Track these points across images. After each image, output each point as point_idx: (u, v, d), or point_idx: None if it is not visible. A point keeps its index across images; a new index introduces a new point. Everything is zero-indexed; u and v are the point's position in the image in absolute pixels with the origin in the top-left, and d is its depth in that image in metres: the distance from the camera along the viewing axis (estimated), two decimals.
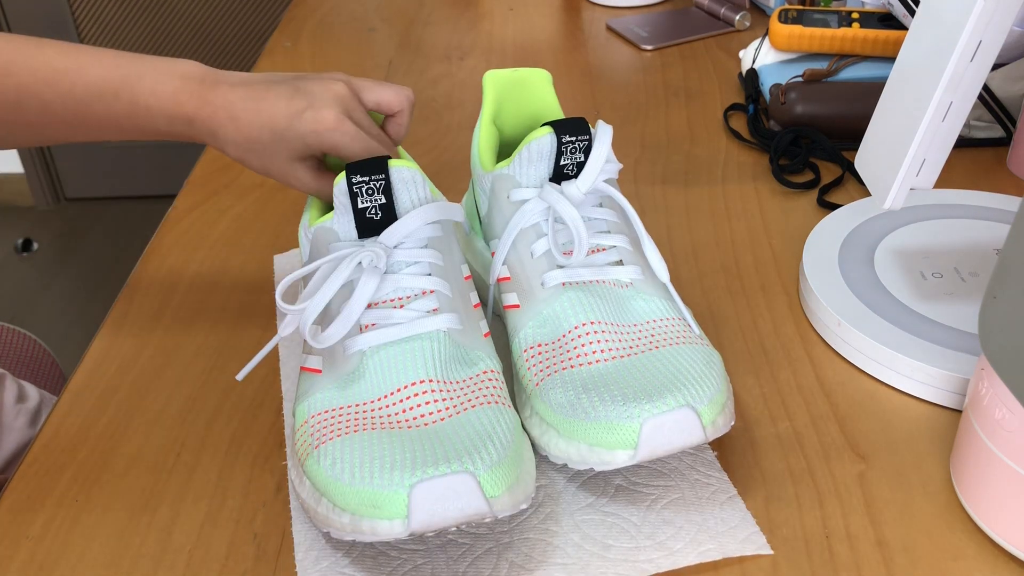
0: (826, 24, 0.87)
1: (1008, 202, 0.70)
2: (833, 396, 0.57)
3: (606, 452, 0.47)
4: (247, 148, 0.57)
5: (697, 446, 0.49)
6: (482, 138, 0.61)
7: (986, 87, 0.80)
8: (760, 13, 1.12)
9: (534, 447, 0.51)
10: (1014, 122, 0.80)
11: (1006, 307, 0.42)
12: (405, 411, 0.48)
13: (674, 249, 0.71)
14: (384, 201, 0.52)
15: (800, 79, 0.85)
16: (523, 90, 0.63)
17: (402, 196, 0.53)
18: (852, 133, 0.79)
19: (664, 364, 0.49)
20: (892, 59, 0.84)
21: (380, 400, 0.48)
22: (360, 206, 0.52)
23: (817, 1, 0.99)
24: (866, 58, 0.87)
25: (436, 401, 0.48)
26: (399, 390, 0.48)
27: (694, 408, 0.46)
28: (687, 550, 0.47)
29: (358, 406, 0.48)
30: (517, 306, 0.54)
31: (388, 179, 0.52)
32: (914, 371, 0.55)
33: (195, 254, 0.73)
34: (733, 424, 0.49)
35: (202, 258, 0.72)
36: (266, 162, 0.57)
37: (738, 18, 1.08)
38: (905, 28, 0.85)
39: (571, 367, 0.50)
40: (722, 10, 1.10)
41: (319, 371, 0.51)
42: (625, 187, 0.79)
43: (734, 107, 0.89)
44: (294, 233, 0.75)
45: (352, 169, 0.52)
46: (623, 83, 0.98)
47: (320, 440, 0.47)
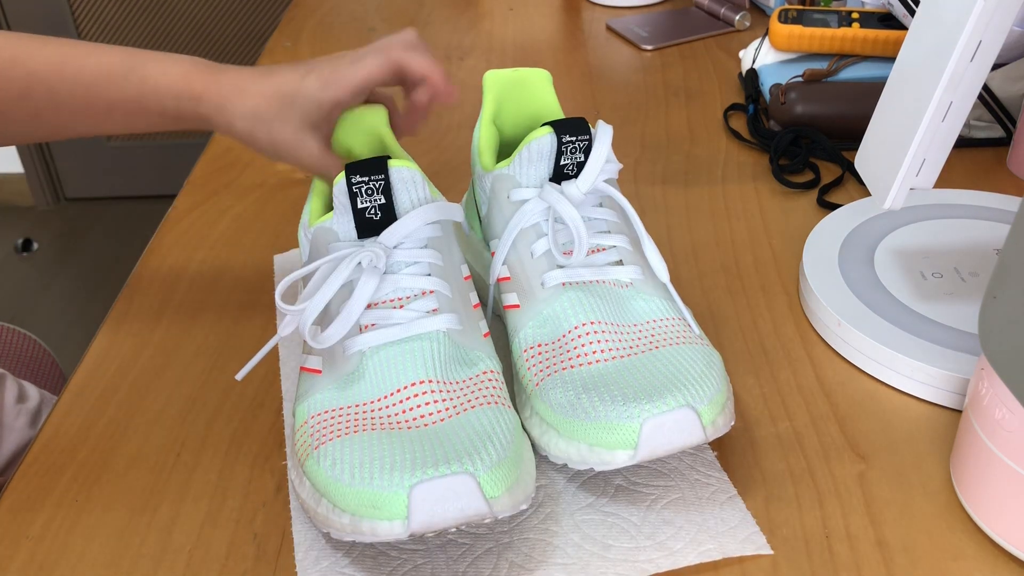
0: (826, 24, 0.87)
1: (1008, 202, 0.70)
2: (833, 396, 0.57)
3: (606, 452, 0.47)
4: (255, 118, 0.57)
5: (697, 446, 0.49)
6: (482, 138, 0.61)
7: (986, 87, 0.80)
8: (760, 13, 1.12)
9: (534, 447, 0.51)
10: (1014, 122, 0.80)
11: (1006, 307, 0.42)
12: (405, 412, 0.48)
13: (674, 249, 0.71)
14: (384, 201, 0.52)
15: (800, 79, 0.85)
16: (523, 90, 0.63)
17: (401, 196, 0.53)
18: (852, 133, 0.79)
19: (664, 364, 0.49)
20: (892, 59, 0.84)
21: (380, 400, 0.48)
22: (359, 206, 0.52)
23: (817, 1, 0.99)
24: (866, 58, 0.87)
25: (436, 402, 0.48)
26: (399, 391, 0.48)
27: (694, 408, 0.46)
28: (687, 550, 0.47)
29: (358, 406, 0.48)
30: (517, 306, 0.54)
31: (388, 179, 0.52)
32: (914, 371, 0.55)
33: (195, 254, 0.73)
34: (733, 424, 0.49)
35: (202, 258, 0.72)
36: (275, 133, 0.57)
37: (738, 18, 1.08)
38: (905, 28, 0.85)
39: (571, 367, 0.50)
40: (722, 10, 1.10)
41: (319, 371, 0.51)
42: (625, 187, 0.79)
43: (734, 107, 0.89)
44: (294, 233, 0.75)
45: (351, 169, 0.52)
46: (623, 83, 0.98)
47: (320, 441, 0.47)
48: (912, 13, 0.80)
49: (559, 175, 0.56)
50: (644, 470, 0.51)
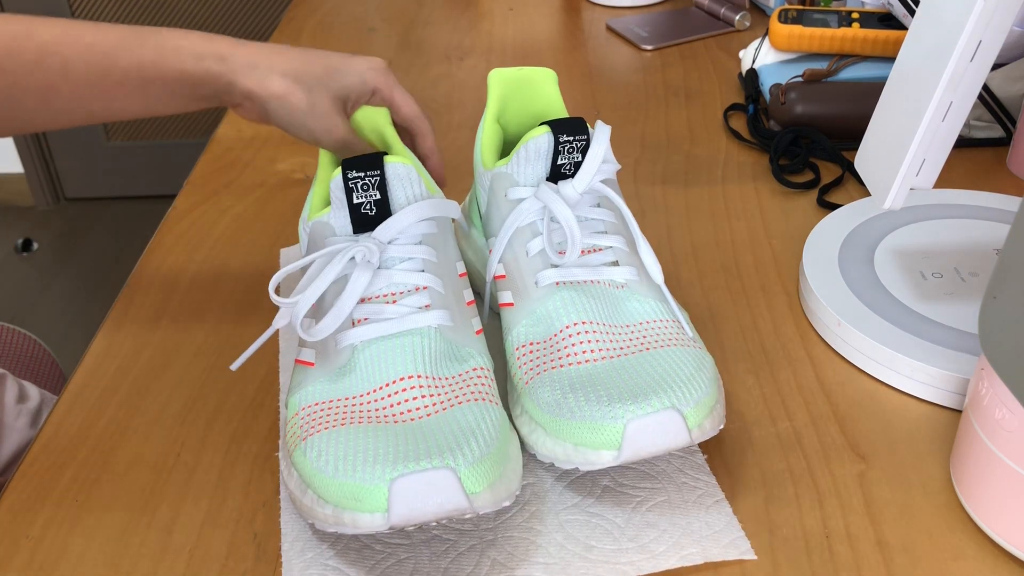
0: (826, 24, 0.87)
1: (1008, 202, 0.70)
2: (833, 396, 0.57)
3: (591, 452, 0.46)
4: (297, 77, 0.56)
5: (684, 449, 0.49)
6: (485, 136, 0.61)
7: (986, 87, 0.80)
8: (760, 13, 1.12)
9: (523, 445, 0.51)
10: (1014, 122, 0.80)
11: (1006, 307, 0.42)
12: (392, 405, 0.48)
13: (674, 249, 0.71)
14: (379, 197, 0.52)
15: (800, 79, 0.85)
16: (528, 89, 0.63)
17: (397, 192, 0.53)
18: (852, 133, 0.79)
19: (652, 366, 0.49)
20: (892, 59, 0.84)
21: (369, 394, 0.48)
22: (355, 201, 0.52)
23: (817, 1, 0.99)
24: (866, 58, 0.87)
25: (423, 397, 0.48)
26: (388, 384, 0.48)
27: (679, 410, 0.46)
28: (668, 553, 0.46)
29: (347, 399, 0.48)
30: (511, 304, 0.54)
31: (383, 175, 0.52)
32: (914, 371, 0.55)
33: (195, 254, 0.73)
34: (723, 427, 0.49)
35: (202, 258, 0.72)
36: (315, 97, 0.56)
37: (738, 18, 1.08)
38: (905, 28, 0.85)
39: (560, 366, 0.50)
40: (722, 10, 1.10)
41: (312, 364, 0.51)
42: (625, 187, 0.79)
43: (734, 107, 0.89)
44: (294, 233, 0.75)
45: (348, 164, 0.52)
46: (623, 83, 0.98)
47: (308, 432, 0.47)
48: (912, 13, 0.80)
49: (556, 175, 0.56)
50: (632, 472, 0.51)
